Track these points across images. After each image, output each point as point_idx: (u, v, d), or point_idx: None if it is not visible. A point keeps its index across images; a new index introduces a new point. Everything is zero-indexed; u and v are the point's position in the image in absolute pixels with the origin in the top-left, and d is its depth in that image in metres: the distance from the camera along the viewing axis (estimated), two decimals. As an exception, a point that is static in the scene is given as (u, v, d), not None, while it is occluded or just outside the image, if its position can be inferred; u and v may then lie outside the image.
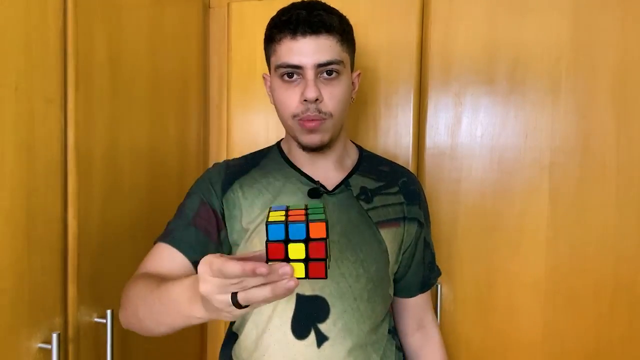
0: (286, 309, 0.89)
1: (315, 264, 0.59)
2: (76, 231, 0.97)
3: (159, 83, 1.21)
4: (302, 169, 0.96)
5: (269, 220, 0.59)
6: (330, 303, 0.89)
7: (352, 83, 0.95)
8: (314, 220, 0.59)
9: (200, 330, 1.44)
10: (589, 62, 1.14)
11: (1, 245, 0.83)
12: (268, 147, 1.03)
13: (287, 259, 0.59)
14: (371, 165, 1.00)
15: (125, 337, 1.10)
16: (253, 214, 0.92)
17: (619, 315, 1.14)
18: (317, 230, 0.58)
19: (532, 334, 1.19)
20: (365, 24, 1.27)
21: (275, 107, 0.92)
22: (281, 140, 1.03)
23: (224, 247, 0.93)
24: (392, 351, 0.96)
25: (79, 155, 0.97)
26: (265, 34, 0.91)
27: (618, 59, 1.12)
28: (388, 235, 0.94)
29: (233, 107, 1.40)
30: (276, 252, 0.59)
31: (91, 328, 1.01)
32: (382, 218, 0.95)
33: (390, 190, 0.98)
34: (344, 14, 1.34)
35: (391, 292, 0.99)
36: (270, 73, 0.93)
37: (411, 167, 1.25)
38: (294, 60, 0.85)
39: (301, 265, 0.59)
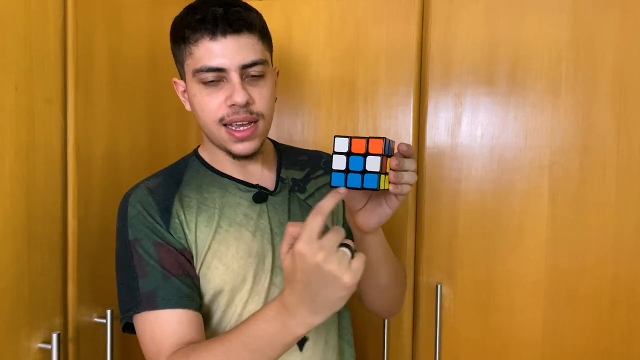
0: None
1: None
2: (76, 231, 0.97)
3: (159, 83, 1.21)
4: (233, 176, 0.89)
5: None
6: None
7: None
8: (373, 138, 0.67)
9: (200, 330, 1.44)
10: (589, 62, 1.14)
11: (1, 245, 0.83)
12: (182, 160, 0.94)
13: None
14: (291, 156, 0.98)
15: (125, 337, 1.10)
16: (202, 235, 0.84)
17: (618, 315, 1.13)
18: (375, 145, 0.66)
19: (532, 333, 1.19)
20: (365, 24, 1.27)
21: (196, 114, 0.84)
22: (196, 148, 0.95)
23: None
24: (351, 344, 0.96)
25: (79, 155, 0.97)
26: (174, 34, 0.84)
27: (618, 59, 1.12)
28: (328, 218, 0.93)
29: (233, 107, 1.40)
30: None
31: (91, 328, 1.01)
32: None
33: (317, 174, 0.97)
34: (344, 14, 1.34)
35: None
36: (184, 78, 0.85)
37: (411, 167, 1.25)
38: (216, 62, 0.78)
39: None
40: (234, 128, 0.81)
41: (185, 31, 0.80)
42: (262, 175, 0.92)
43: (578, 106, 1.15)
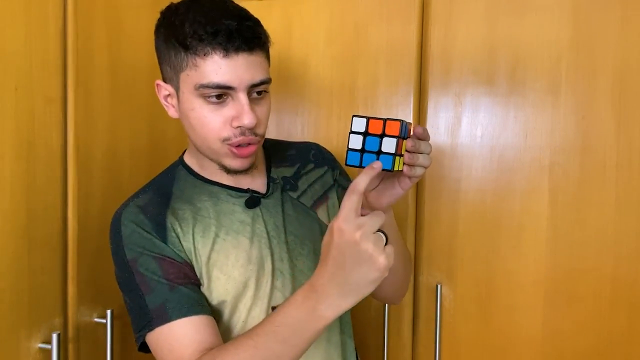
0: (259, 320, 0.83)
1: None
2: (76, 231, 0.97)
3: (159, 83, 1.21)
4: (222, 182, 0.86)
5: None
6: None
7: None
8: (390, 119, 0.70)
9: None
10: (589, 62, 1.14)
11: (1, 244, 0.83)
12: (169, 170, 0.90)
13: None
14: (279, 153, 0.96)
15: (125, 337, 1.10)
16: (200, 246, 0.82)
17: (618, 315, 1.13)
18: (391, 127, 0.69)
19: (532, 333, 1.19)
20: (365, 24, 1.27)
21: (191, 127, 0.79)
22: (182, 156, 0.91)
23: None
24: (352, 344, 0.96)
25: (79, 154, 0.97)
26: (170, 37, 0.76)
27: (618, 59, 1.12)
28: (323, 214, 0.93)
29: (233, 107, 1.40)
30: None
31: (91, 328, 1.01)
32: (314, 198, 0.93)
33: (307, 169, 0.95)
34: (344, 14, 1.34)
35: None
36: (174, 84, 0.79)
37: (411, 167, 1.25)
38: (225, 80, 0.73)
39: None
40: (236, 146, 0.78)
41: (190, 41, 0.73)
42: (253, 178, 0.89)
43: (578, 106, 1.15)
